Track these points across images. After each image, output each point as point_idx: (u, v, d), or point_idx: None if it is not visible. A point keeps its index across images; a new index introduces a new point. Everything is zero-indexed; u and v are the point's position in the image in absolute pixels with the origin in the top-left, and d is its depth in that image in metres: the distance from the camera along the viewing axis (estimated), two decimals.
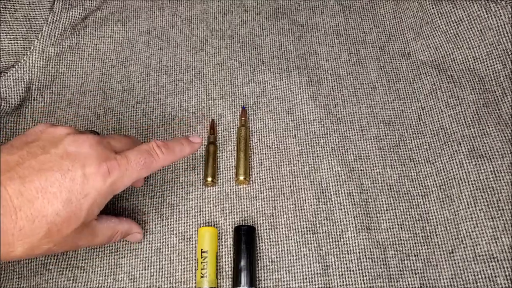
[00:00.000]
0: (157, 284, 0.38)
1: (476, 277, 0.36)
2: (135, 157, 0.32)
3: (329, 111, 0.45)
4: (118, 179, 0.31)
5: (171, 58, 0.50)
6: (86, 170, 0.30)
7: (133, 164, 0.32)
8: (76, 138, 0.31)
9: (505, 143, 0.41)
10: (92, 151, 0.30)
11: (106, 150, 0.31)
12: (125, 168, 0.31)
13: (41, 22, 0.49)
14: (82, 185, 0.29)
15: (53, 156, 0.29)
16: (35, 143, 0.30)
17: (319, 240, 0.39)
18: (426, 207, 0.40)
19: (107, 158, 0.31)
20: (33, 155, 0.29)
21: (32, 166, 0.29)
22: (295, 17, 0.52)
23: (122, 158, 0.31)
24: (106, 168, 0.30)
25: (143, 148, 0.33)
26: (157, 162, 0.33)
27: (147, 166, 0.33)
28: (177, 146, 0.36)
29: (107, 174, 0.30)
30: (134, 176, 0.32)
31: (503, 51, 0.45)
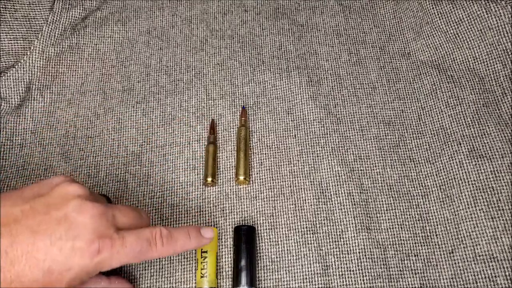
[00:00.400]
0: (157, 284, 0.38)
1: (476, 277, 0.36)
2: (132, 242, 0.30)
3: (329, 111, 0.45)
4: (106, 259, 0.29)
5: (171, 58, 0.50)
6: (76, 244, 0.28)
7: (127, 249, 0.30)
8: (82, 205, 0.29)
9: (505, 143, 0.41)
10: (91, 223, 0.29)
11: (106, 224, 0.30)
12: (117, 251, 0.29)
13: (41, 22, 0.49)
14: (67, 257, 0.28)
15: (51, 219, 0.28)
16: (42, 199, 0.29)
17: (319, 240, 0.39)
18: (426, 207, 0.40)
19: (103, 234, 0.29)
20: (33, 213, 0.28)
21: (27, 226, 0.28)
22: (295, 17, 0.52)
23: (119, 239, 0.30)
24: (97, 246, 0.28)
25: (145, 234, 0.31)
26: (153, 253, 0.31)
27: (141, 255, 0.31)
28: (182, 238, 0.33)
29: (96, 253, 0.28)
30: (123, 261, 0.30)
31: (503, 51, 0.45)
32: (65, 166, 0.44)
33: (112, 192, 0.42)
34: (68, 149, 0.45)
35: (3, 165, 0.44)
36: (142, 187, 0.43)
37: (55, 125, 0.47)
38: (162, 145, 0.45)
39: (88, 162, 0.44)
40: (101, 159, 0.44)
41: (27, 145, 0.45)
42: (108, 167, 0.44)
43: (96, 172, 0.44)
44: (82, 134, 0.46)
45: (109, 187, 0.43)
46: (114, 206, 0.32)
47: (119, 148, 0.45)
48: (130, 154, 0.44)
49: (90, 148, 0.45)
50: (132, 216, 0.32)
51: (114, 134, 0.46)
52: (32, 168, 0.44)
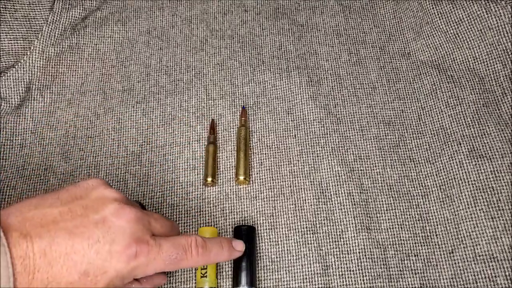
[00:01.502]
0: None
1: (476, 277, 0.36)
2: (168, 248, 0.30)
3: (329, 111, 0.45)
4: (142, 265, 0.29)
5: (171, 58, 0.50)
6: (114, 247, 0.28)
7: (163, 256, 0.30)
8: (120, 209, 0.29)
9: (505, 143, 0.41)
10: (128, 227, 0.29)
11: (143, 229, 0.30)
12: (153, 257, 0.29)
13: (41, 22, 0.49)
14: (104, 261, 0.28)
15: (89, 222, 0.28)
16: (80, 201, 0.29)
17: (319, 240, 0.39)
18: (426, 207, 0.40)
19: (140, 239, 0.29)
20: (72, 215, 0.28)
21: (66, 228, 0.27)
22: (295, 17, 0.52)
23: (155, 246, 0.29)
24: (134, 250, 0.28)
25: (181, 242, 0.31)
26: (188, 262, 0.31)
27: (176, 262, 0.30)
28: (215, 248, 0.33)
29: (133, 257, 0.28)
30: (159, 268, 0.30)
31: (503, 51, 0.45)
32: (65, 166, 0.44)
33: None
34: (68, 149, 0.45)
35: (3, 165, 0.44)
36: (142, 187, 0.43)
37: (55, 125, 0.47)
38: (162, 145, 0.45)
39: (88, 162, 0.44)
40: (101, 159, 0.44)
41: (27, 145, 0.45)
42: (108, 167, 0.44)
43: (96, 172, 0.44)
44: (82, 134, 0.46)
45: None
46: (149, 213, 0.32)
47: (119, 148, 0.45)
48: (130, 154, 0.44)
49: (90, 148, 0.45)
50: (165, 225, 0.32)
51: (114, 134, 0.46)
52: (32, 168, 0.44)
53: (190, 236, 0.32)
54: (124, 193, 0.42)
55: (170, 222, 0.33)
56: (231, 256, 0.34)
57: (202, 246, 0.32)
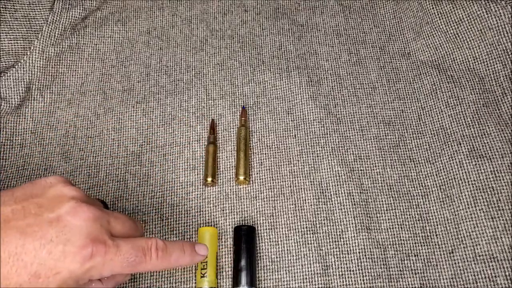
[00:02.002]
0: (157, 284, 0.38)
1: (476, 277, 0.36)
2: (127, 250, 0.29)
3: (329, 111, 0.45)
4: (98, 266, 0.28)
5: (171, 58, 0.50)
6: (68, 247, 0.27)
7: (120, 257, 0.28)
8: (77, 207, 0.28)
9: (505, 143, 0.41)
10: (85, 226, 0.28)
11: (101, 229, 0.28)
12: (110, 258, 0.28)
13: (41, 22, 0.49)
14: (57, 261, 0.26)
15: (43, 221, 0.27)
16: (35, 200, 0.28)
17: (319, 240, 0.39)
18: (426, 207, 0.40)
19: (97, 239, 0.28)
20: (25, 213, 0.27)
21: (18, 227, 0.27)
22: (295, 17, 0.52)
23: (113, 246, 0.28)
24: (90, 250, 0.27)
25: (140, 244, 0.30)
26: (146, 265, 0.30)
27: (134, 265, 0.29)
28: (176, 252, 0.32)
29: (89, 257, 0.27)
30: (115, 270, 0.29)
31: (503, 51, 0.45)
32: (65, 166, 0.44)
33: (112, 192, 0.42)
34: (68, 149, 0.45)
35: (3, 165, 0.44)
36: (142, 187, 0.43)
37: (55, 125, 0.47)
38: (162, 145, 0.45)
39: (88, 162, 0.44)
40: (101, 159, 0.44)
41: (27, 145, 0.45)
42: (108, 167, 0.44)
43: (96, 172, 0.44)
44: (82, 134, 0.46)
45: (109, 187, 0.43)
46: (109, 212, 0.31)
47: (119, 148, 0.45)
48: (130, 154, 0.44)
49: (90, 148, 0.45)
50: (127, 225, 0.31)
51: (114, 134, 0.46)
52: (32, 168, 0.44)
53: (150, 238, 0.31)
54: (124, 193, 0.42)
55: (132, 222, 0.32)
56: (193, 261, 0.33)
57: (163, 250, 0.31)
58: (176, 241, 0.33)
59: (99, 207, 0.30)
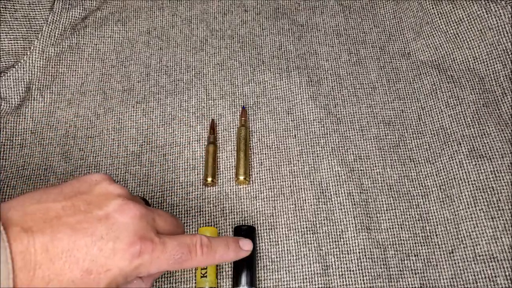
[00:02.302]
0: (157, 284, 0.38)
1: (476, 277, 0.36)
2: (173, 247, 0.29)
3: (329, 111, 0.45)
4: (145, 263, 0.28)
5: (171, 58, 0.50)
6: (117, 244, 0.27)
7: (167, 255, 0.29)
8: (123, 205, 0.28)
9: (505, 143, 0.41)
10: (132, 224, 0.28)
11: (147, 227, 0.29)
12: (157, 255, 0.28)
13: (41, 22, 0.49)
14: (107, 258, 0.27)
15: (92, 218, 0.27)
16: (83, 196, 0.28)
17: (319, 240, 0.39)
18: (426, 207, 0.40)
19: (144, 237, 0.28)
20: (75, 210, 0.27)
21: (68, 223, 0.27)
22: (295, 17, 0.52)
23: (160, 244, 0.28)
24: (138, 248, 0.27)
25: (185, 241, 0.30)
26: (192, 262, 0.30)
27: (180, 262, 0.29)
28: (221, 248, 0.32)
29: (137, 254, 0.27)
30: (162, 267, 0.29)
31: (503, 51, 0.45)
32: (65, 166, 0.44)
33: None
34: (68, 149, 0.45)
35: (3, 165, 0.44)
36: (142, 187, 0.43)
37: (55, 125, 0.47)
38: (162, 145, 0.45)
39: (88, 162, 0.44)
40: (101, 159, 0.44)
41: (27, 145, 0.45)
42: (108, 167, 0.44)
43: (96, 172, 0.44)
44: (82, 134, 0.46)
45: None
46: (153, 209, 0.31)
47: (119, 148, 0.45)
48: (130, 154, 0.44)
49: (90, 148, 0.45)
50: (170, 222, 0.31)
51: (114, 134, 0.46)
52: (32, 168, 0.44)
53: (195, 235, 0.31)
54: None
55: (175, 219, 0.32)
56: (237, 256, 0.33)
57: (207, 246, 0.31)
58: (220, 237, 0.33)
59: (144, 205, 0.30)
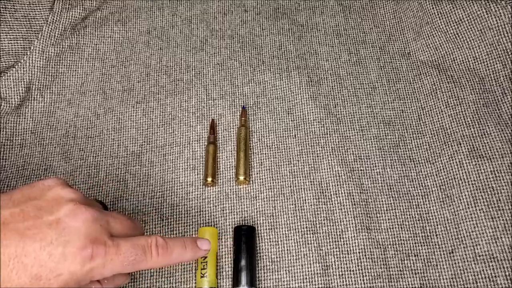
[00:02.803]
0: (157, 284, 0.38)
1: (476, 277, 0.36)
2: (127, 249, 0.29)
3: (329, 111, 0.45)
4: (98, 266, 0.28)
5: (171, 58, 0.50)
6: (68, 249, 0.27)
7: (121, 257, 0.29)
8: (75, 209, 0.28)
9: (505, 143, 0.41)
10: (84, 228, 0.28)
11: (100, 230, 0.29)
12: (110, 258, 0.28)
13: (41, 22, 0.49)
14: (57, 263, 0.27)
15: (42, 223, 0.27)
16: (34, 202, 0.28)
17: (319, 240, 0.39)
18: (426, 207, 0.40)
19: (97, 240, 0.28)
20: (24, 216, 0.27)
21: (17, 229, 0.26)
22: (295, 17, 0.52)
23: (113, 246, 0.28)
24: (90, 252, 0.27)
25: (140, 242, 0.30)
26: (147, 263, 0.30)
27: (135, 264, 0.29)
28: (178, 249, 0.32)
29: (89, 258, 0.27)
30: (116, 269, 0.29)
31: (503, 51, 0.45)
32: (65, 166, 0.44)
33: (112, 192, 0.42)
34: (68, 149, 0.45)
35: (3, 165, 0.44)
36: (142, 187, 0.43)
37: (55, 125, 0.47)
38: (162, 145, 0.45)
39: (88, 162, 0.44)
40: (101, 159, 0.44)
41: (27, 145, 0.45)
42: (108, 167, 0.44)
43: (96, 172, 0.44)
44: (82, 134, 0.46)
45: (109, 187, 0.43)
46: (108, 212, 0.31)
47: (119, 148, 0.45)
48: (130, 154, 0.44)
49: (90, 148, 0.45)
50: (126, 224, 0.31)
51: (114, 134, 0.46)
52: (32, 168, 0.44)
53: (150, 236, 0.31)
54: (124, 193, 0.42)
55: (131, 222, 0.32)
56: (195, 256, 0.33)
57: (163, 247, 0.31)
58: (177, 238, 0.33)
59: (98, 208, 0.30)
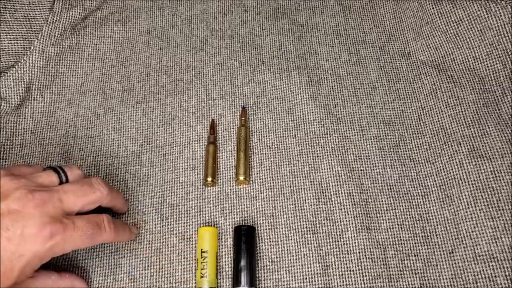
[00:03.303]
0: (157, 284, 0.38)
1: (476, 277, 0.36)
2: (83, 224, 0.32)
3: (329, 111, 0.45)
4: (59, 243, 0.30)
5: (171, 58, 0.50)
6: (26, 231, 0.29)
7: (80, 232, 0.31)
8: (22, 197, 0.30)
9: (505, 143, 0.41)
10: (37, 212, 0.30)
11: (53, 210, 0.30)
12: (70, 234, 0.30)
13: (41, 22, 0.49)
14: (17, 245, 0.28)
15: None
16: None
17: (319, 240, 0.39)
18: (426, 207, 0.40)
19: (53, 219, 0.30)
20: None
21: None
22: (295, 17, 0.52)
23: (69, 224, 0.31)
24: (49, 231, 0.29)
25: (93, 219, 0.33)
26: (103, 236, 0.33)
27: (93, 237, 0.32)
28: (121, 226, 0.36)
29: (49, 237, 0.29)
30: (77, 244, 0.31)
31: (503, 51, 0.45)
32: None
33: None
34: (68, 149, 0.45)
35: (3, 165, 0.44)
36: (142, 187, 0.43)
37: (55, 125, 0.47)
38: (162, 145, 0.45)
39: (88, 162, 0.44)
40: (101, 159, 0.44)
41: (27, 145, 0.45)
42: (108, 167, 0.44)
43: (96, 172, 0.44)
44: (82, 134, 0.46)
45: None
46: (59, 189, 0.32)
47: (119, 148, 0.45)
48: (130, 154, 0.44)
49: (90, 148, 0.45)
50: (81, 192, 0.33)
51: (114, 134, 0.46)
52: None
53: (100, 214, 0.34)
54: (124, 193, 0.42)
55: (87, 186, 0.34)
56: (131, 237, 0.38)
57: (113, 222, 0.34)
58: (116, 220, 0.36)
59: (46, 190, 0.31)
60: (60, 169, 0.35)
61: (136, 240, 0.40)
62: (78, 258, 0.39)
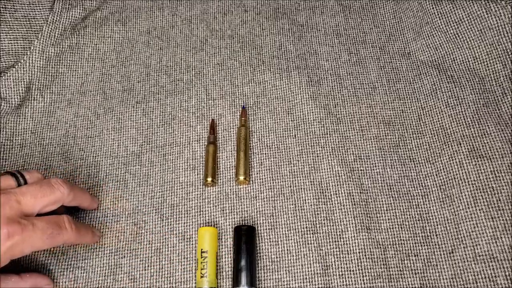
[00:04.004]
0: (157, 284, 0.38)
1: (476, 277, 0.36)
2: (42, 226, 0.31)
3: (329, 111, 0.45)
4: (18, 243, 0.30)
5: (171, 58, 0.50)
6: None
7: (39, 232, 0.31)
8: None
9: (505, 143, 0.41)
10: None
11: (10, 212, 0.30)
12: (28, 235, 0.30)
13: (41, 22, 0.49)
14: None
15: None
16: None
17: (319, 240, 0.39)
18: (426, 207, 0.40)
19: (10, 221, 0.30)
20: None
21: None
22: (295, 17, 0.52)
23: (28, 224, 0.30)
24: (6, 231, 0.29)
25: (53, 219, 0.32)
26: (64, 236, 0.33)
27: (53, 237, 0.32)
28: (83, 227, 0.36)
29: (6, 238, 0.29)
30: (37, 245, 0.31)
31: (503, 51, 0.45)
32: (65, 166, 0.44)
33: (112, 192, 0.42)
34: (68, 149, 0.45)
35: (3, 165, 0.44)
36: (142, 187, 0.43)
37: (55, 125, 0.47)
38: (162, 145, 0.45)
39: (88, 162, 0.44)
40: (101, 159, 0.44)
41: (27, 145, 0.45)
42: (108, 167, 0.44)
43: (96, 172, 0.44)
44: (82, 134, 0.46)
45: (109, 187, 0.43)
46: (17, 191, 0.32)
47: (119, 148, 0.45)
48: (130, 154, 0.44)
49: (90, 148, 0.45)
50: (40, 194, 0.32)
51: (114, 134, 0.46)
52: (32, 168, 0.44)
53: (60, 215, 0.33)
54: (124, 193, 0.42)
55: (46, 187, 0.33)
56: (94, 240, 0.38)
57: (74, 223, 0.34)
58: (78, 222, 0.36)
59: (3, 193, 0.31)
60: (18, 173, 0.34)
61: (136, 240, 0.40)
62: (78, 258, 0.39)
